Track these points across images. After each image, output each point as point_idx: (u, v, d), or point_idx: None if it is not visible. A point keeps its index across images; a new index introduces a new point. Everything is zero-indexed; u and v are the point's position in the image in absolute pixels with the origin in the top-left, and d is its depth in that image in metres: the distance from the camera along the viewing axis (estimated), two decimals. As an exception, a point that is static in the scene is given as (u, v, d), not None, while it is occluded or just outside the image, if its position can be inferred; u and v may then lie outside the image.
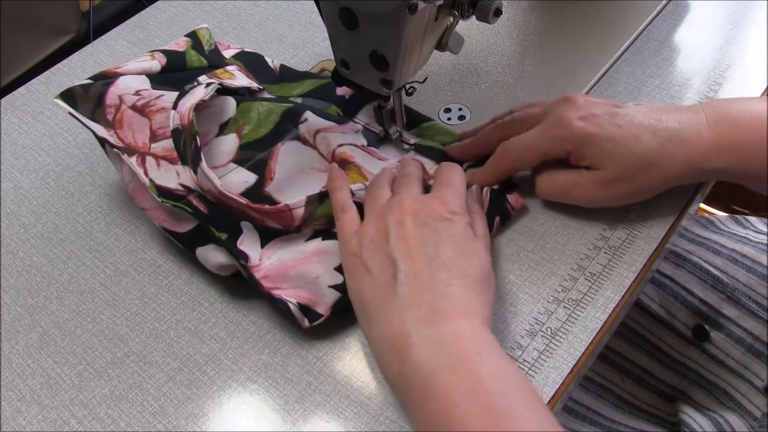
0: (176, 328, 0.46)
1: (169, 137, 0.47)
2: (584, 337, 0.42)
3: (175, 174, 0.46)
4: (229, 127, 0.47)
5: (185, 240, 0.46)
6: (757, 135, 0.43)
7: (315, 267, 0.44)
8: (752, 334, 0.58)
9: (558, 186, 0.48)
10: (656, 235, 0.47)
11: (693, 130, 0.44)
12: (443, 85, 0.60)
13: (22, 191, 0.56)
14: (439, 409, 0.34)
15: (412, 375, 0.35)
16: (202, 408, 0.42)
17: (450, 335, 0.36)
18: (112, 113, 0.49)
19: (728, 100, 0.45)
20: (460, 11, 0.43)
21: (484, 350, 0.35)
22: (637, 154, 0.44)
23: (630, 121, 0.44)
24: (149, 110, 0.48)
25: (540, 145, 0.46)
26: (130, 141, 0.48)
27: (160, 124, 0.48)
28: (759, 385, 0.58)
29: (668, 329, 0.63)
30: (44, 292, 0.49)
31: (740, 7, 0.65)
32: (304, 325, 0.43)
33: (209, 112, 0.48)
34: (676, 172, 0.45)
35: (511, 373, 0.35)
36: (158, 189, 0.46)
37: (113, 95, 0.49)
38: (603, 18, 0.64)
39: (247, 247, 0.44)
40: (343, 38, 0.46)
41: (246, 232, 0.45)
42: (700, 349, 0.62)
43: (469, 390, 0.34)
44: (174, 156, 0.47)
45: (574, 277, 0.46)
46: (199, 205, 0.45)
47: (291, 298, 0.43)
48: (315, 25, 0.69)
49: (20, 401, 0.43)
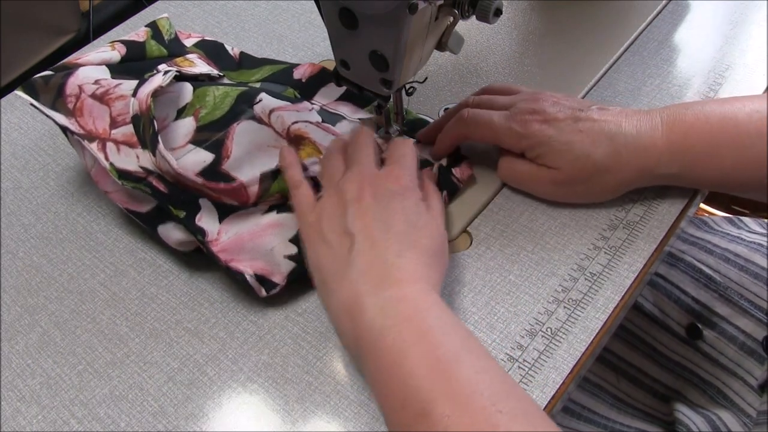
0: (176, 328, 0.46)
1: (128, 123, 0.48)
2: (584, 338, 0.42)
3: (135, 158, 0.48)
4: (186, 111, 0.49)
5: (147, 219, 0.48)
6: (706, 141, 0.44)
7: (270, 239, 0.46)
8: (745, 332, 0.59)
9: (516, 174, 0.50)
10: (656, 235, 0.47)
11: (648, 136, 0.45)
12: (443, 85, 0.60)
13: (22, 191, 0.56)
14: (389, 364, 0.35)
15: (364, 337, 0.37)
16: (202, 408, 0.42)
17: (397, 298, 0.38)
18: (72, 102, 0.50)
19: (686, 105, 0.46)
20: (460, 11, 0.43)
21: (429, 308, 0.37)
22: (591, 159, 0.45)
23: (591, 126, 0.46)
24: (108, 98, 0.50)
25: (497, 130, 0.48)
26: (91, 128, 0.49)
27: (119, 111, 0.49)
28: (752, 383, 0.58)
29: (662, 328, 0.63)
30: (44, 292, 0.49)
31: (740, 7, 0.65)
32: (261, 294, 0.45)
33: (167, 98, 0.49)
34: (629, 178, 0.46)
35: (457, 326, 0.37)
36: (118, 172, 0.47)
37: (73, 85, 0.51)
38: (603, 18, 0.64)
39: (205, 223, 0.46)
40: (343, 38, 0.46)
41: (204, 209, 0.47)
42: (694, 348, 0.62)
43: (414, 342, 0.35)
44: (134, 141, 0.48)
45: (574, 277, 0.46)
46: (159, 185, 0.47)
47: (248, 269, 0.45)
48: (315, 25, 0.69)
49: (20, 401, 0.43)
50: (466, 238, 0.49)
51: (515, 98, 0.50)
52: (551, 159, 0.47)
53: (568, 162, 0.46)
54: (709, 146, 0.44)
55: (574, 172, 0.46)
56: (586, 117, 0.46)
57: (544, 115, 0.47)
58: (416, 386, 0.34)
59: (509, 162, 0.50)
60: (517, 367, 0.41)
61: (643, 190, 0.50)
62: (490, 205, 0.51)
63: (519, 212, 0.50)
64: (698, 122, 0.44)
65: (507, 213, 0.50)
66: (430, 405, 0.33)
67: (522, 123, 0.47)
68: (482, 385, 0.34)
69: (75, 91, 0.50)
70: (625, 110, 0.47)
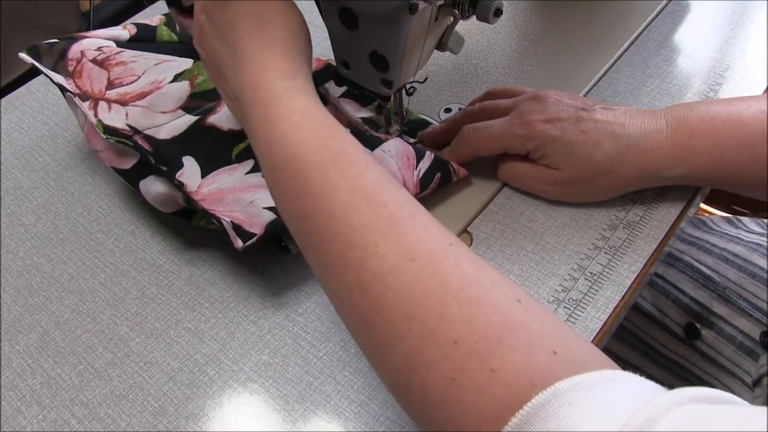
0: (176, 328, 0.46)
1: (125, 85, 0.50)
2: (584, 337, 0.42)
3: (124, 115, 0.49)
4: (183, 76, 0.50)
5: (129, 175, 0.49)
6: (711, 143, 0.44)
7: (251, 194, 0.46)
8: (743, 331, 0.59)
9: (517, 175, 0.50)
10: (656, 235, 0.47)
11: (652, 138, 0.45)
12: (443, 85, 0.60)
13: (22, 191, 0.56)
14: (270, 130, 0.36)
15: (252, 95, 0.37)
16: (202, 408, 0.42)
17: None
18: (73, 65, 0.52)
19: (690, 106, 0.46)
20: (460, 11, 0.43)
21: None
22: (594, 160, 0.45)
23: (594, 127, 0.45)
24: (108, 63, 0.51)
25: (502, 139, 0.48)
26: (87, 89, 0.51)
27: (117, 75, 0.50)
28: (750, 382, 0.58)
29: (660, 328, 0.63)
30: (44, 292, 0.49)
31: (740, 7, 0.65)
32: (237, 245, 0.43)
33: (168, 65, 0.50)
34: (632, 179, 0.46)
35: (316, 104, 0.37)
36: (105, 127, 0.48)
37: (76, 50, 0.52)
38: (603, 18, 0.64)
39: (186, 179, 0.47)
40: (343, 38, 0.46)
41: (187, 165, 0.47)
42: (692, 347, 0.62)
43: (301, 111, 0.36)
44: (126, 98, 0.49)
45: (575, 277, 0.46)
46: (144, 144, 0.47)
47: (225, 217, 0.44)
48: (315, 25, 0.69)
49: (20, 401, 0.43)
50: (466, 238, 0.49)
51: (517, 99, 0.50)
52: (554, 160, 0.47)
53: (570, 163, 0.46)
54: (715, 148, 0.44)
55: (576, 173, 0.46)
56: (589, 117, 0.46)
57: (546, 114, 0.46)
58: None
59: (509, 162, 0.50)
60: (517, 367, 0.41)
61: (643, 190, 0.50)
62: (490, 205, 0.51)
63: (519, 212, 0.50)
64: (704, 124, 0.44)
65: (507, 213, 0.50)
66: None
67: (525, 125, 0.47)
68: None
69: (77, 55, 0.52)
70: (629, 110, 0.47)
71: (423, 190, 0.48)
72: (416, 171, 0.48)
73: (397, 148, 0.48)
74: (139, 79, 0.50)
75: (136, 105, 0.49)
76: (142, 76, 0.50)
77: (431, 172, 0.48)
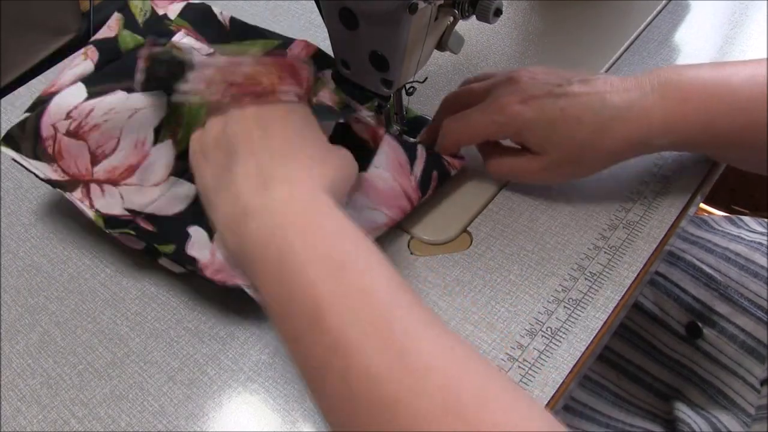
0: (176, 327, 0.46)
1: (107, 156, 0.47)
2: (584, 337, 0.43)
3: (119, 198, 0.47)
4: (162, 134, 0.47)
5: (146, 254, 0.48)
6: (702, 109, 0.42)
7: None
8: (745, 330, 0.59)
9: (504, 169, 0.49)
10: (656, 235, 0.47)
11: (639, 107, 0.43)
12: (443, 85, 0.60)
13: (22, 191, 0.56)
14: (280, 270, 0.33)
15: (249, 245, 0.34)
16: (202, 408, 0.42)
17: (282, 200, 0.35)
18: (50, 146, 0.49)
19: (677, 71, 0.44)
20: (460, 11, 0.43)
21: (319, 208, 0.35)
22: (577, 139, 0.44)
23: (572, 103, 0.43)
24: (83, 132, 0.48)
25: (479, 128, 0.47)
26: (74, 171, 0.48)
27: (97, 143, 0.48)
28: (752, 381, 0.58)
29: (662, 327, 0.63)
30: (44, 292, 0.49)
31: (740, 7, 0.65)
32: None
33: (143, 116, 0.47)
34: (619, 150, 0.45)
35: (347, 226, 0.34)
36: (105, 219, 0.47)
37: (47, 126, 0.49)
38: (603, 18, 0.64)
39: (197, 250, 0.45)
40: (343, 38, 0.46)
41: (194, 235, 0.46)
42: (694, 347, 0.62)
43: (309, 246, 0.33)
44: (116, 177, 0.47)
45: (575, 277, 0.46)
46: (146, 226, 0.47)
47: (245, 281, 0.43)
48: (315, 25, 0.69)
49: (20, 401, 0.43)
50: (466, 238, 0.49)
51: (491, 82, 0.48)
52: (536, 143, 0.45)
53: (554, 146, 0.44)
54: (705, 113, 0.42)
55: (563, 154, 0.45)
56: (566, 92, 0.44)
57: (521, 95, 0.44)
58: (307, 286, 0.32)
59: (495, 159, 0.49)
60: (517, 367, 0.42)
61: (643, 190, 0.50)
62: (490, 205, 0.51)
63: (519, 212, 0.50)
64: (693, 89, 0.43)
65: (507, 213, 0.50)
66: (322, 309, 0.31)
67: (500, 109, 0.45)
68: (376, 283, 0.32)
69: (50, 132, 0.49)
70: (609, 79, 0.45)
71: (424, 194, 0.48)
72: (412, 176, 0.47)
73: (388, 157, 0.47)
74: (120, 143, 0.47)
75: (128, 184, 0.47)
76: (121, 138, 0.47)
77: (428, 173, 0.48)
